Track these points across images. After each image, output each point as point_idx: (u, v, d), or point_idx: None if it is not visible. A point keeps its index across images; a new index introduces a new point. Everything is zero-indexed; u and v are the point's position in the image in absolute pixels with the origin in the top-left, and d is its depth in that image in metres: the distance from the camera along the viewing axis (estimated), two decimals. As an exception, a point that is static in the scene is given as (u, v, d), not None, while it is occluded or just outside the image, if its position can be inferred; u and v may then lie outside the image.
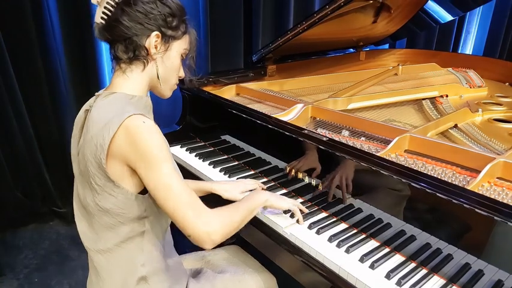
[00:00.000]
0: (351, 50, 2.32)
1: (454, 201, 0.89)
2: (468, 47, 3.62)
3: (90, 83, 2.27)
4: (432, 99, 1.67)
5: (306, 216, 1.15)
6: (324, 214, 1.17)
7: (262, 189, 1.28)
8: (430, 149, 1.16)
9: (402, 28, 2.20)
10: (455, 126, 1.40)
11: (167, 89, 1.04)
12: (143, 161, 0.86)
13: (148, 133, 0.86)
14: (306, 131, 1.25)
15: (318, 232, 1.08)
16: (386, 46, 2.51)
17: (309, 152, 1.23)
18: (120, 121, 0.85)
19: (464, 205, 0.88)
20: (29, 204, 2.33)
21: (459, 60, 2.16)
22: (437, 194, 0.92)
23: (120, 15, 0.91)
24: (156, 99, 1.08)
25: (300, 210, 1.13)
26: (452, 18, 2.29)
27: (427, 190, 0.94)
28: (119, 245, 0.96)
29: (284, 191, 1.30)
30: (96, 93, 1.00)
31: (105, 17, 0.93)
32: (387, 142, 1.23)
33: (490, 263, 0.86)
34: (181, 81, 1.10)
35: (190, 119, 1.72)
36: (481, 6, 3.31)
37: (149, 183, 0.87)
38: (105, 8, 0.92)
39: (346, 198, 1.14)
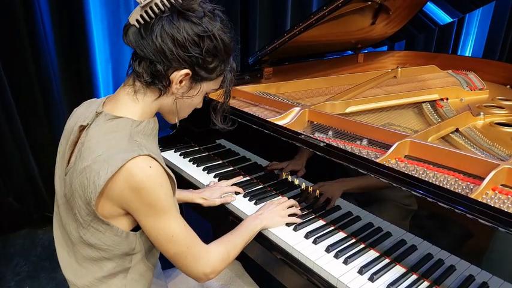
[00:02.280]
0: (349, 52, 2.28)
1: (456, 210, 0.85)
2: (467, 48, 3.59)
3: (83, 85, 2.23)
4: (432, 103, 1.63)
5: (302, 224, 1.11)
6: (321, 222, 1.13)
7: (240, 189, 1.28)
8: (432, 155, 1.12)
9: (401, 30, 2.17)
10: (457, 130, 1.36)
11: (175, 119, 0.95)
12: (147, 210, 0.80)
13: (154, 181, 0.78)
14: (302, 136, 1.21)
15: (315, 242, 1.04)
16: (385, 48, 2.48)
17: (305, 157, 1.19)
18: (123, 162, 0.75)
19: (467, 214, 0.84)
20: (21, 210, 2.28)
21: (459, 62, 2.13)
22: (439, 203, 0.88)
23: (157, 32, 0.77)
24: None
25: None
26: (452, 20, 2.26)
27: (428, 198, 0.90)
28: (100, 280, 0.88)
29: (280, 197, 1.26)
30: (97, 110, 0.86)
31: (142, 22, 0.79)
32: (386, 147, 1.19)
33: (495, 274, 0.82)
34: None
35: (184, 122, 1.68)
36: (481, 8, 3.28)
37: (151, 231, 0.83)
38: (145, 12, 0.78)
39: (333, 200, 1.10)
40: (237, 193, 1.27)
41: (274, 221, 1.09)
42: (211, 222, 1.49)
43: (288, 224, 1.11)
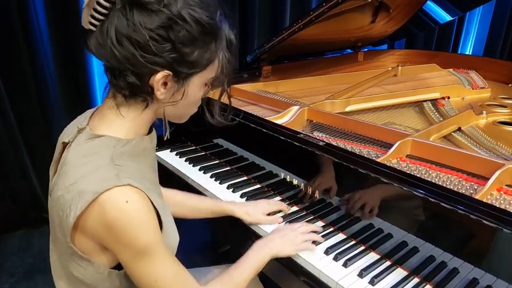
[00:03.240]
0: (349, 50, 2.26)
1: (460, 211, 0.83)
2: (468, 47, 3.57)
3: (79, 86, 2.20)
4: (434, 101, 1.61)
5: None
6: (320, 223, 1.10)
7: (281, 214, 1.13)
8: (434, 154, 1.10)
9: (401, 28, 2.14)
10: (459, 129, 1.34)
11: (182, 120, 0.82)
12: (124, 251, 0.69)
13: (132, 220, 0.66)
14: (301, 135, 1.18)
15: (313, 243, 1.01)
16: (385, 47, 2.46)
17: (304, 157, 1.16)
18: (94, 195, 0.64)
19: (472, 216, 0.81)
20: (17, 210, 2.25)
21: (460, 60, 2.10)
22: (442, 204, 0.85)
23: (111, 36, 0.63)
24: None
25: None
26: (452, 18, 2.24)
27: (431, 199, 0.87)
28: None
29: (278, 198, 1.23)
30: (80, 126, 0.75)
31: (96, 23, 0.65)
32: (387, 146, 1.16)
33: (500, 277, 0.80)
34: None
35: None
36: (481, 6, 3.26)
37: (132, 274, 0.72)
38: (94, 9, 0.63)
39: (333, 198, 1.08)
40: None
41: (286, 250, 0.95)
42: (210, 223, 1.46)
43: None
